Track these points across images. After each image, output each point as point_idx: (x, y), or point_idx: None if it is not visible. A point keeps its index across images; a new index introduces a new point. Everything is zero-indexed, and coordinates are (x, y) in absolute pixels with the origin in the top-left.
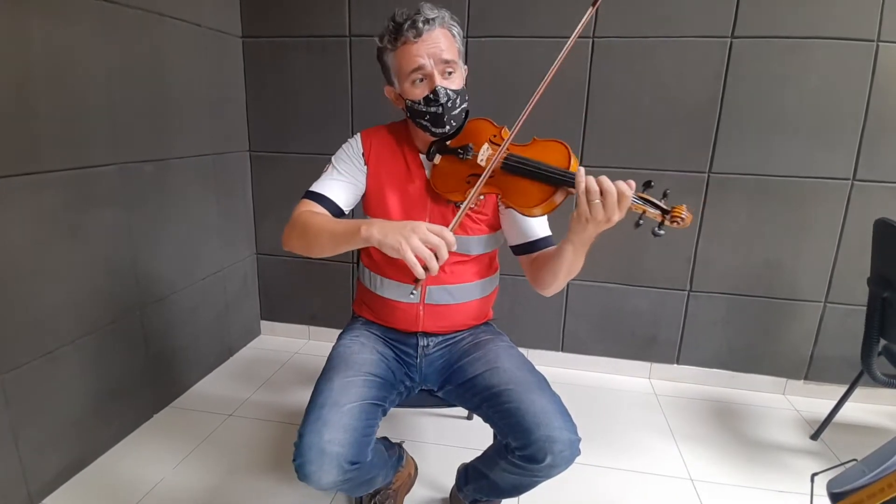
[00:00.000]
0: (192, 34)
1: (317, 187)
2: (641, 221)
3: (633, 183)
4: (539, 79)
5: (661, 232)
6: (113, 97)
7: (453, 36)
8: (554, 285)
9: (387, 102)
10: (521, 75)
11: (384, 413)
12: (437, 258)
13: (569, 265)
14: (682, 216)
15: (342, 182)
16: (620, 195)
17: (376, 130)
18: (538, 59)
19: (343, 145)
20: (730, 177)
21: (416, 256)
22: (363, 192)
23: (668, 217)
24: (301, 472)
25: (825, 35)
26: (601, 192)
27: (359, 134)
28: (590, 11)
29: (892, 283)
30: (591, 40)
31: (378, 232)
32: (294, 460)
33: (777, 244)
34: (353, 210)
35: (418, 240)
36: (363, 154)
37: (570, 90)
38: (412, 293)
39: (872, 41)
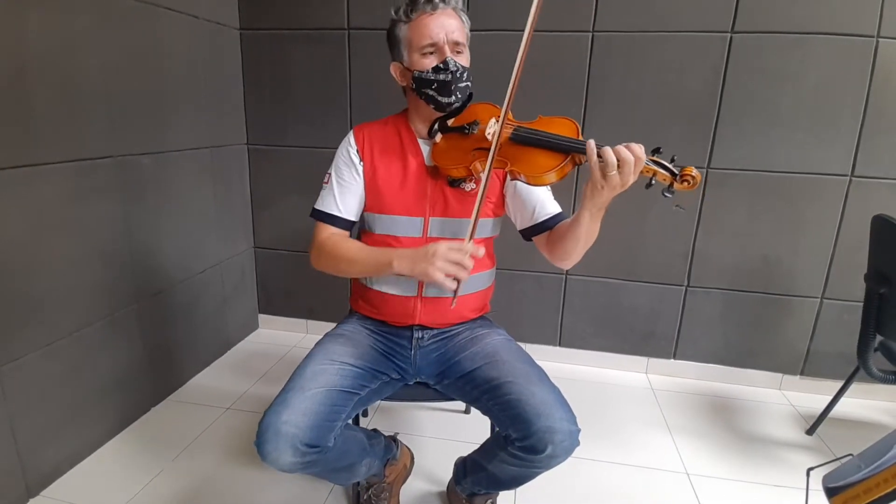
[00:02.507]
0: (189, 26)
1: (323, 206)
2: (653, 182)
3: (642, 146)
4: (538, 72)
5: (670, 195)
6: (110, 89)
7: (463, 22)
8: (575, 253)
9: (385, 96)
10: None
11: (363, 403)
12: (463, 267)
13: (586, 231)
14: (692, 175)
15: (344, 193)
16: (637, 160)
17: (369, 124)
18: (536, 53)
19: (338, 149)
20: (728, 172)
21: (446, 275)
22: (364, 191)
23: (677, 178)
24: (259, 452)
25: (825, 31)
26: (617, 160)
27: (351, 131)
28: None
29: (889, 279)
30: (590, 34)
31: (408, 266)
32: (255, 440)
33: (775, 240)
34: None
35: (442, 261)
36: (358, 150)
37: (570, 84)
38: (453, 305)
39: (872, 37)
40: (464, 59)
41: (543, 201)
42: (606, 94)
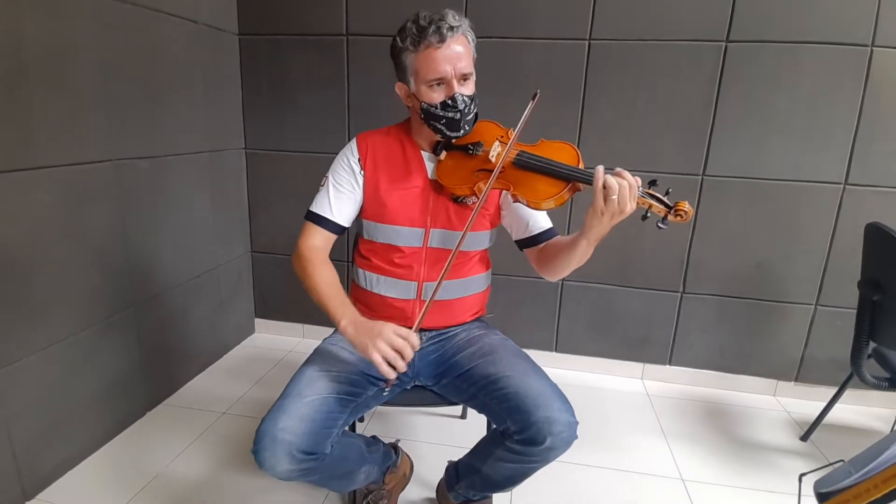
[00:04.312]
0: (188, 31)
1: (317, 207)
2: (648, 214)
3: (639, 179)
4: (536, 79)
5: (664, 226)
6: (109, 93)
7: (469, 43)
8: (564, 272)
9: (383, 101)
10: (519, 76)
11: (361, 409)
12: (402, 357)
13: (580, 256)
14: (685, 210)
15: (340, 198)
16: (630, 187)
17: (373, 133)
18: (535, 61)
19: (339, 154)
20: (723, 179)
21: (384, 357)
22: (362, 200)
23: (671, 211)
24: (256, 459)
25: (820, 40)
26: (612, 186)
27: (354, 139)
28: (531, 104)
29: (882, 286)
30: (587, 42)
31: (353, 333)
32: (252, 448)
33: (769, 247)
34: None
35: (384, 343)
36: (359, 159)
37: (566, 92)
38: (385, 391)
39: (867, 46)
40: (470, 87)
41: (536, 216)
42: (602, 101)
